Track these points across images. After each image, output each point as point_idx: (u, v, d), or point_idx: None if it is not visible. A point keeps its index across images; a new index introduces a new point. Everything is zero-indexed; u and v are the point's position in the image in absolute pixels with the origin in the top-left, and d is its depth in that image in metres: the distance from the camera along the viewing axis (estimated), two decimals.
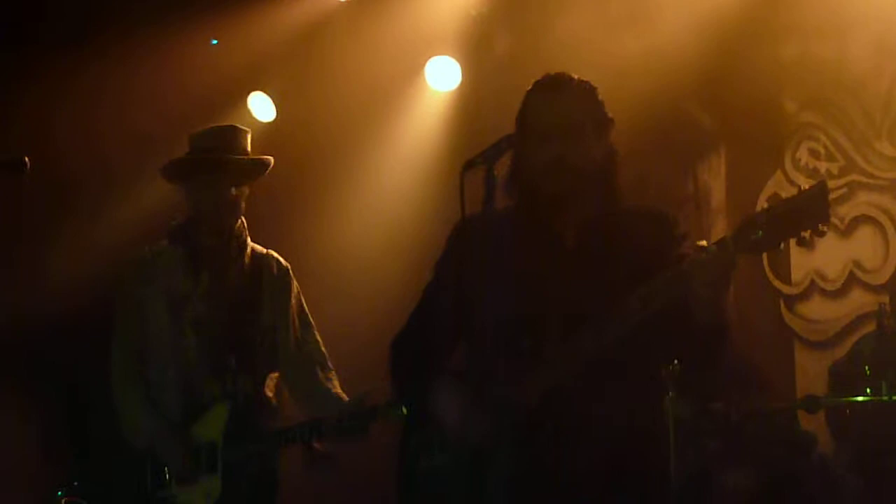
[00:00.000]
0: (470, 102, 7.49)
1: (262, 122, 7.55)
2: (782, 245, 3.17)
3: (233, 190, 4.85)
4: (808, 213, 3.09)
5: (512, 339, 3.46)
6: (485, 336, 3.38)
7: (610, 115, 3.74)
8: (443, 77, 7.48)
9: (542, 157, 3.64)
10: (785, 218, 3.12)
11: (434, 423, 3.65)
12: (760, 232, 3.16)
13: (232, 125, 5.12)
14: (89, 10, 6.84)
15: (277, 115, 7.63)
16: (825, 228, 3.09)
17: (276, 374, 5.01)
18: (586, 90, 3.73)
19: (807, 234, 3.10)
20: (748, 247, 3.21)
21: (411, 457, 3.76)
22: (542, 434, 3.47)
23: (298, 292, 5.10)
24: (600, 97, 3.74)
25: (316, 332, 5.09)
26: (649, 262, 3.40)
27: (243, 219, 4.99)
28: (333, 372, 5.03)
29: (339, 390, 4.93)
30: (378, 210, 7.58)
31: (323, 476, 4.86)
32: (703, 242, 3.27)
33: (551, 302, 3.55)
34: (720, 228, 7.64)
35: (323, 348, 5.05)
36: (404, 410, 4.02)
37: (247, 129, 5.07)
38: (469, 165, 3.38)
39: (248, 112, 7.53)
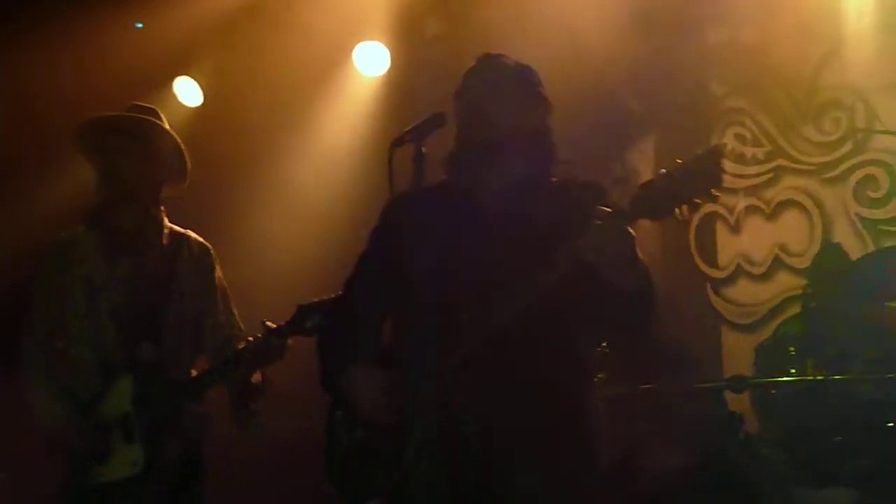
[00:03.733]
0: (399, 87, 7.48)
1: (188, 107, 7.49)
2: (677, 211, 3.19)
3: (145, 161, 4.79)
4: (702, 177, 3.12)
5: (431, 308, 3.50)
6: (407, 309, 3.44)
7: (547, 97, 3.85)
8: (371, 62, 7.47)
9: (462, 107, 3.76)
10: (680, 182, 3.15)
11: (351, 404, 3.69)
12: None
13: (149, 106, 5.05)
14: None
15: (204, 100, 7.56)
16: (717, 193, 3.14)
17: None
18: (520, 65, 3.86)
19: (700, 200, 3.15)
20: (645, 212, 3.24)
21: (335, 432, 3.78)
22: (463, 411, 3.48)
23: (220, 275, 5.04)
24: (538, 78, 3.87)
25: (236, 314, 5.04)
26: (577, 231, 3.38)
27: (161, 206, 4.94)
28: None
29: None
30: (307, 195, 7.55)
31: (253, 432, 4.83)
32: (608, 209, 3.31)
33: (468, 268, 3.57)
34: None
35: (242, 330, 4.98)
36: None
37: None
38: (398, 142, 3.40)
39: (175, 96, 7.46)
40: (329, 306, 4.42)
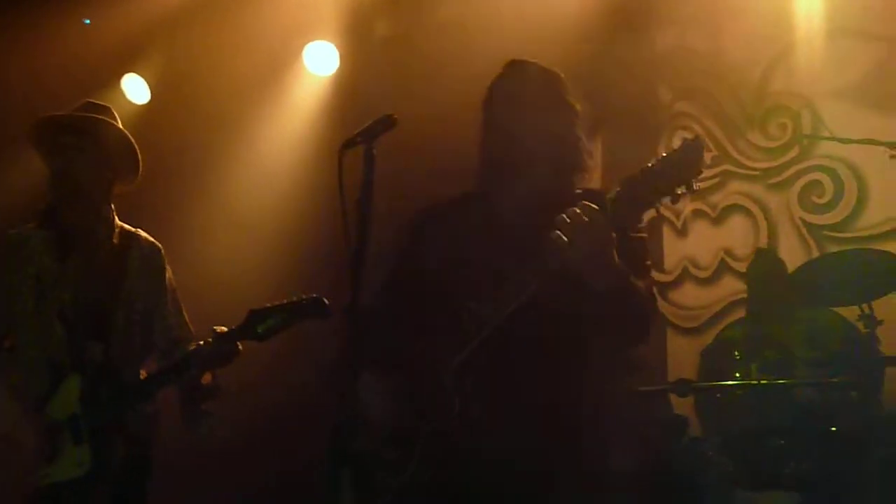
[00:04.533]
0: (348, 87, 7.46)
1: (136, 105, 7.44)
2: (659, 203, 3.21)
3: (98, 160, 4.77)
4: (684, 168, 3.15)
5: (444, 318, 3.54)
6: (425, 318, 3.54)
7: (574, 104, 3.83)
8: (321, 61, 7.45)
9: (487, 121, 3.80)
10: (662, 174, 3.17)
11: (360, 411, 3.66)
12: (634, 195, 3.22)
13: (103, 104, 5.03)
14: None
15: (152, 98, 7.51)
16: (699, 184, 3.16)
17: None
18: (546, 72, 3.86)
19: (681, 191, 3.17)
20: (629, 208, 3.25)
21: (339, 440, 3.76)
22: (467, 417, 3.49)
23: (171, 275, 5.01)
24: (565, 85, 3.85)
25: (185, 315, 5.02)
26: None
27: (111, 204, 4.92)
28: None
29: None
30: (255, 195, 7.52)
31: (204, 432, 4.81)
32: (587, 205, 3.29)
33: (482, 278, 3.56)
34: None
35: (191, 331, 4.97)
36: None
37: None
38: (348, 144, 3.38)
39: (122, 94, 7.41)
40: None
